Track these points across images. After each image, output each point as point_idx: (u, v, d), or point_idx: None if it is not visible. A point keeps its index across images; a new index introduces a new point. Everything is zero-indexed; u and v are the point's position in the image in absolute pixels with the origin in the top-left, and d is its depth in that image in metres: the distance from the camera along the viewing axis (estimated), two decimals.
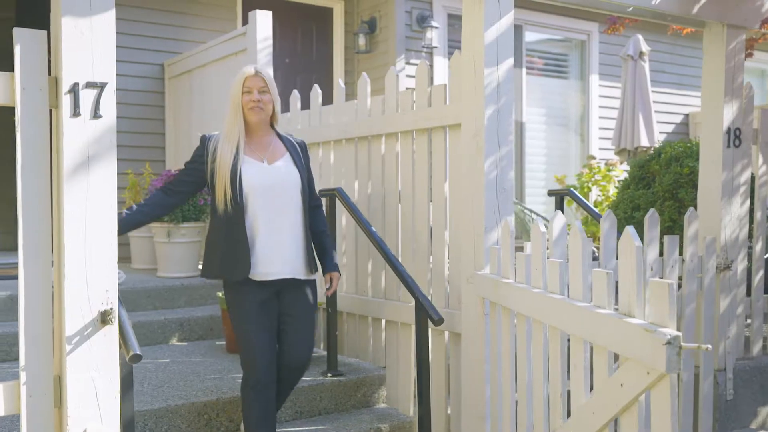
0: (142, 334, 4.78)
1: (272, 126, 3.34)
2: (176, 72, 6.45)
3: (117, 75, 7.44)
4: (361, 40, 7.48)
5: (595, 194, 8.03)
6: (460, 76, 3.56)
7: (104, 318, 2.46)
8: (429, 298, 3.89)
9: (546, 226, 2.96)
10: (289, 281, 3.22)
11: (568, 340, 2.55)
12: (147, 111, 6.64)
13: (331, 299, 4.17)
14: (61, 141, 2.38)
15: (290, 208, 3.20)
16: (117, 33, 6.89)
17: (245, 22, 5.94)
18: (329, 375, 4.09)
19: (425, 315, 3.48)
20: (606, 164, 7.98)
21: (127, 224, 3.17)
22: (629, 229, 2.18)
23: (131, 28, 6.54)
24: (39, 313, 2.40)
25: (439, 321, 3.40)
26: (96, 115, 2.46)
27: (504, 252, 3.14)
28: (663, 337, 1.88)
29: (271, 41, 5.10)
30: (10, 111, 2.37)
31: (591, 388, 2.39)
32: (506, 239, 3.14)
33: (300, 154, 3.33)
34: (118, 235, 3.13)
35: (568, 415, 2.55)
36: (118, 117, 7.06)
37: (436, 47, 7.31)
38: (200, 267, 4.25)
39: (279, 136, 3.34)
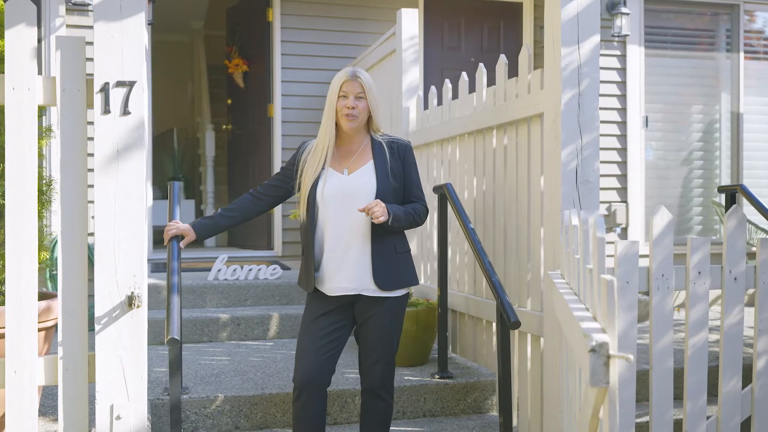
0: (288, 327, 5.01)
1: (370, 131, 3.12)
2: None
3: (299, 83, 7.70)
4: None
5: None
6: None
7: (131, 301, 2.63)
8: (527, 299, 3.63)
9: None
10: (358, 297, 3.04)
11: None
12: None
13: (442, 299, 4.04)
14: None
15: (361, 220, 2.98)
16: (299, 42, 7.15)
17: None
18: (437, 376, 3.97)
19: (505, 316, 3.24)
20: None
21: (209, 228, 3.18)
22: (596, 219, 1.87)
23: (315, 37, 6.86)
24: (75, 293, 2.63)
25: (514, 324, 3.13)
26: (125, 111, 2.63)
27: (563, 249, 2.83)
28: (589, 343, 1.59)
29: (416, 40, 5.08)
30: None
31: None
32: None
33: (388, 159, 3.04)
34: (203, 239, 3.29)
35: None
36: (297, 121, 7.32)
37: (627, 35, 6.74)
38: None
39: (373, 141, 3.10)
